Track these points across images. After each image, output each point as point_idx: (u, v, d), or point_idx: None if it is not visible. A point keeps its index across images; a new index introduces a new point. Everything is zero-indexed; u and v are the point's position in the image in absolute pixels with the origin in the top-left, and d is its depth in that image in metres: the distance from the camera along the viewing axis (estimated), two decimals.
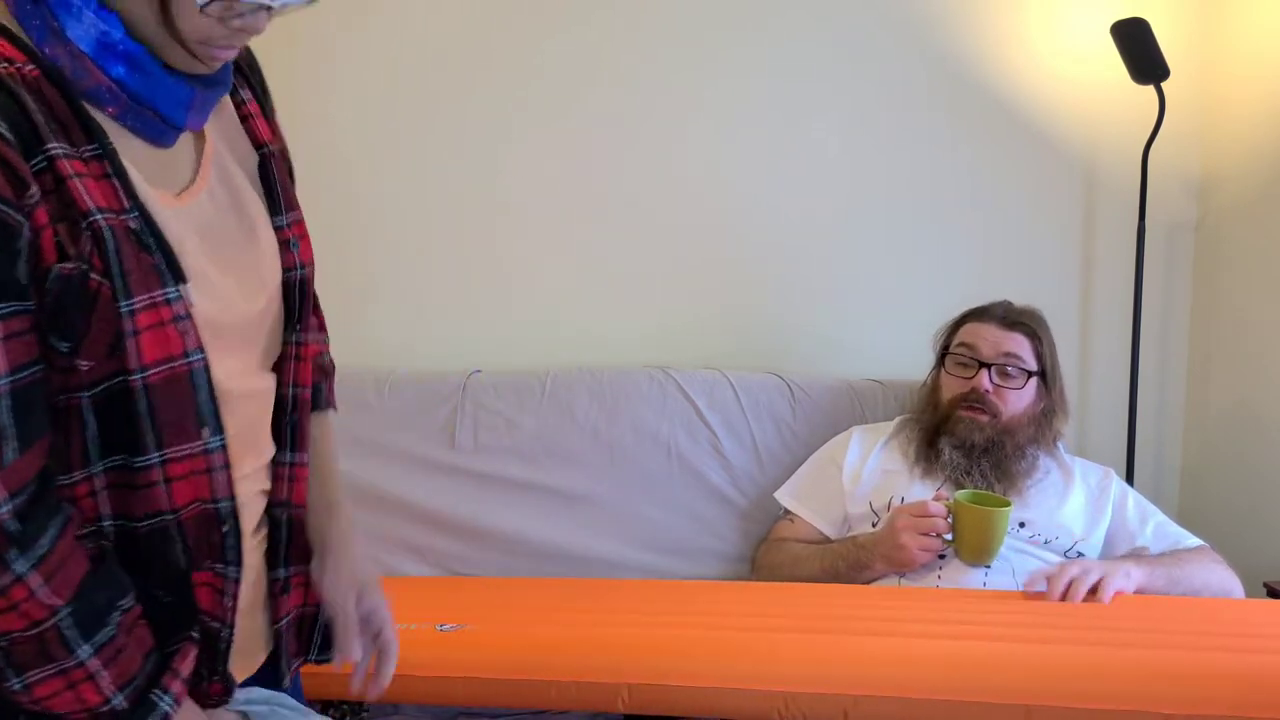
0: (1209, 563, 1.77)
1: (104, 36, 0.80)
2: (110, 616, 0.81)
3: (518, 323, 2.34)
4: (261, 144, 0.99)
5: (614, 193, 2.32)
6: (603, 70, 2.28)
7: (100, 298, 0.78)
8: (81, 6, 0.79)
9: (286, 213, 0.99)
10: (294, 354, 1.01)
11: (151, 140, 0.87)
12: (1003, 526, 1.68)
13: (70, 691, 0.78)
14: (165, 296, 0.81)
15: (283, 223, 0.98)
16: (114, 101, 0.83)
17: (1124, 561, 1.72)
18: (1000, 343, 1.92)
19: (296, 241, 0.99)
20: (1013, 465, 1.87)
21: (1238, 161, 2.32)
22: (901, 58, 2.33)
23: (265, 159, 0.99)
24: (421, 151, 2.27)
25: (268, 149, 0.99)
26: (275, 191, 0.99)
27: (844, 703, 1.24)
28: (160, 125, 0.86)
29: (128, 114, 0.84)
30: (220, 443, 0.87)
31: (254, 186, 0.97)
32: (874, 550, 1.77)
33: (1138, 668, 1.26)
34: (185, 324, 0.82)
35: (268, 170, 0.99)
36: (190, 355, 0.83)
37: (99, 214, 0.78)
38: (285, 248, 0.98)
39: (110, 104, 0.83)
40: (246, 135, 0.99)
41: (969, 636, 1.38)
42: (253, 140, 0.99)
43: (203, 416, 0.85)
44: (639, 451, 2.12)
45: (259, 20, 0.84)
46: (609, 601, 1.70)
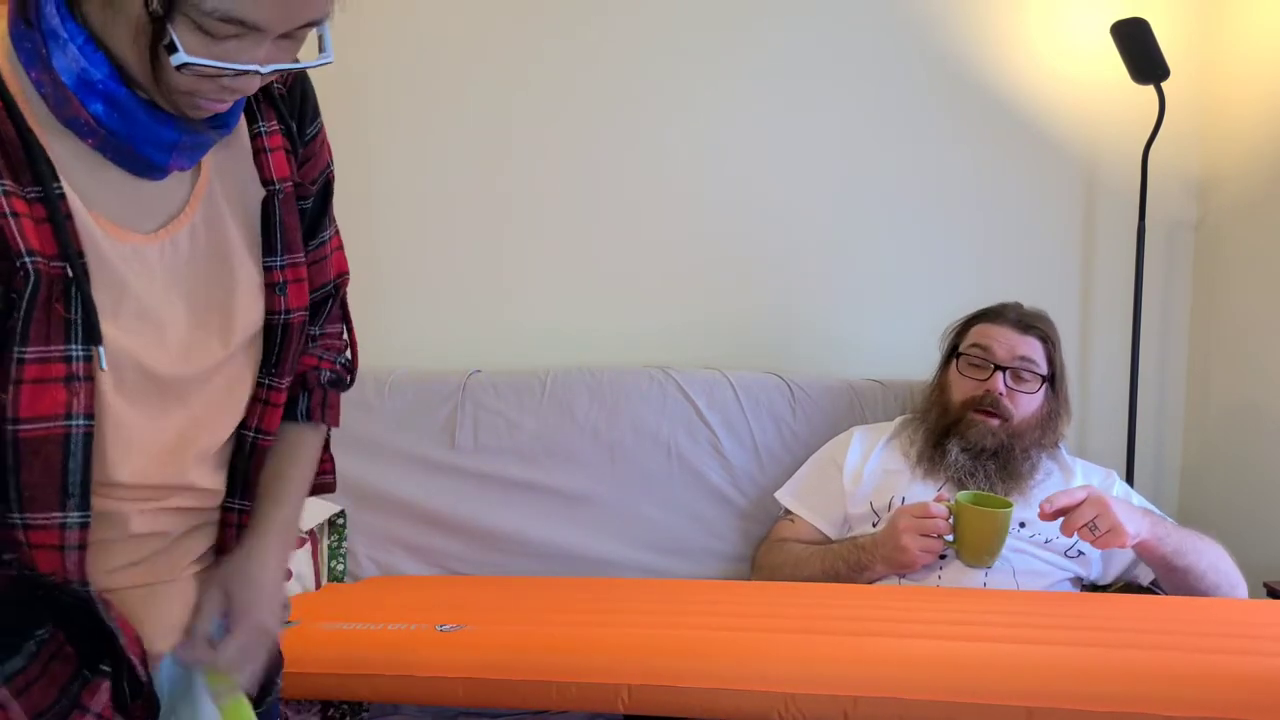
0: (1219, 547, 1.77)
1: (84, 74, 0.78)
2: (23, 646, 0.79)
3: (518, 323, 2.34)
4: (270, 180, 0.94)
5: (614, 193, 2.32)
6: (603, 70, 2.28)
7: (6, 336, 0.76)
8: (68, 40, 0.77)
9: (283, 254, 0.94)
10: (263, 396, 0.97)
11: (136, 174, 0.85)
12: (1004, 528, 1.68)
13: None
14: (64, 354, 0.77)
15: (276, 264, 0.94)
16: (93, 135, 0.81)
17: (1144, 517, 1.71)
18: (1015, 346, 1.91)
19: (285, 286, 0.94)
20: (1019, 467, 1.86)
21: (1238, 161, 2.32)
22: (901, 58, 2.33)
23: (271, 196, 0.94)
24: (421, 151, 2.27)
25: (275, 186, 0.94)
26: (274, 232, 0.94)
27: (844, 704, 1.24)
28: (143, 164, 0.84)
29: (107, 148, 0.82)
30: (81, 521, 0.81)
31: (249, 225, 0.93)
32: (875, 551, 1.77)
33: (1139, 669, 1.26)
34: (77, 385, 0.78)
35: (270, 209, 0.94)
36: (73, 419, 0.78)
37: (29, 257, 0.76)
38: (271, 291, 0.93)
39: (89, 136, 0.81)
40: (256, 169, 0.94)
41: (970, 637, 1.37)
42: (262, 175, 0.94)
43: (70, 488, 0.79)
44: (639, 451, 2.12)
45: (249, 82, 0.81)
46: (609, 601, 1.70)
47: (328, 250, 1.04)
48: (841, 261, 2.38)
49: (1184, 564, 1.72)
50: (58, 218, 0.78)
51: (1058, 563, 1.81)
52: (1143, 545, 1.69)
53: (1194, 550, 1.73)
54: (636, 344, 2.33)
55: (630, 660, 1.33)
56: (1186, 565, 1.72)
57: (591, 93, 2.29)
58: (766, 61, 2.31)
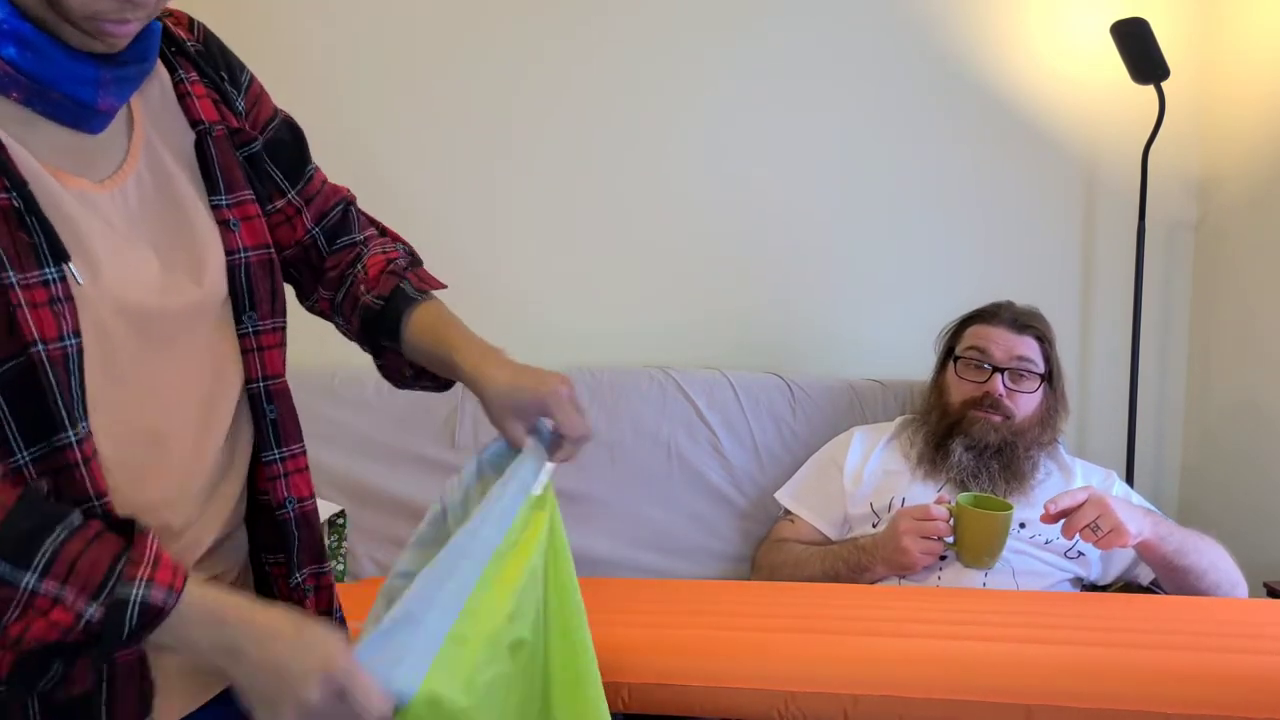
0: (1219, 547, 1.77)
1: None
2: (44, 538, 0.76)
3: (518, 322, 2.34)
4: (199, 121, 0.95)
5: (614, 192, 2.32)
6: (603, 69, 2.28)
7: None
8: None
9: (226, 193, 0.96)
10: (253, 345, 0.97)
11: (73, 125, 0.85)
12: (1005, 530, 1.68)
13: (42, 619, 0.75)
14: (41, 278, 0.78)
15: (221, 202, 0.95)
16: (15, 85, 0.81)
17: (1145, 517, 1.71)
18: (1012, 346, 1.92)
19: (237, 223, 0.96)
20: (1021, 467, 1.87)
21: (1238, 161, 2.32)
22: (901, 57, 2.34)
23: (201, 137, 0.95)
24: (420, 151, 2.27)
25: (204, 126, 0.95)
26: (213, 171, 0.95)
27: (844, 702, 1.24)
28: (73, 107, 0.84)
29: (34, 98, 0.82)
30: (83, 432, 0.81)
31: (190, 168, 0.95)
32: (875, 552, 1.77)
33: (1139, 668, 1.26)
34: (60, 307, 0.79)
35: (204, 149, 0.95)
36: (65, 340, 0.79)
37: None
38: (226, 229, 0.95)
39: (12, 88, 0.81)
40: (183, 114, 0.96)
41: (970, 637, 1.37)
42: (190, 119, 0.96)
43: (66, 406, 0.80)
44: (639, 451, 2.12)
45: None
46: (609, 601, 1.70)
47: (318, 184, 1.09)
48: (841, 261, 2.38)
49: (1185, 563, 1.72)
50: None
51: (1057, 563, 1.81)
52: (1144, 544, 1.69)
53: (1195, 549, 1.73)
54: (636, 344, 2.33)
55: (630, 660, 1.33)
56: (1188, 565, 1.72)
57: (591, 92, 2.29)
58: (767, 61, 2.31)
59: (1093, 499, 1.65)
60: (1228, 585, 1.75)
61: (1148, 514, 1.72)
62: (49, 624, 0.75)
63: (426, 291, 1.10)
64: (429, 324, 1.08)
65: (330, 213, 1.10)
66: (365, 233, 1.13)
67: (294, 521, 1.00)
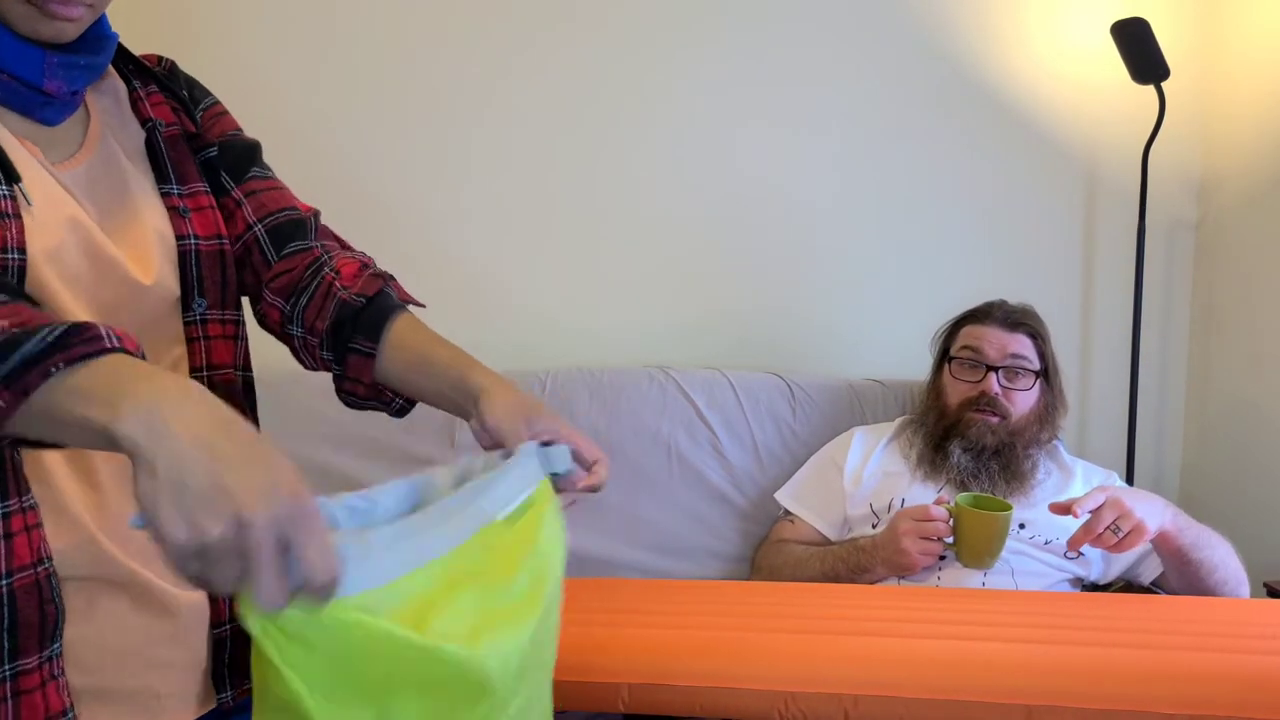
0: (1227, 543, 1.77)
1: None
2: None
3: (518, 322, 2.34)
4: (147, 118, 0.99)
5: (615, 192, 2.32)
6: (603, 69, 2.28)
7: None
8: None
9: (177, 184, 0.98)
10: (198, 334, 0.97)
11: (27, 113, 0.87)
12: (1004, 531, 1.68)
13: None
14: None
15: (172, 191, 0.97)
16: None
17: (1166, 507, 1.69)
18: (1006, 345, 1.92)
19: (188, 210, 0.97)
20: (1021, 466, 1.86)
21: (1238, 161, 2.32)
22: (902, 58, 2.34)
23: (151, 132, 0.99)
24: (420, 151, 2.27)
25: (154, 123, 0.99)
26: (163, 162, 0.98)
27: (844, 702, 1.24)
28: (20, 90, 0.86)
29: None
30: None
31: (141, 162, 0.97)
32: (875, 554, 1.77)
33: (1139, 668, 1.26)
34: (7, 221, 0.80)
35: (154, 142, 0.99)
36: (8, 252, 0.79)
37: None
38: (176, 215, 0.96)
39: None
40: (135, 117, 0.99)
41: (970, 637, 1.37)
42: (140, 116, 0.99)
43: None
44: (639, 451, 2.12)
45: None
46: (609, 601, 1.70)
47: (263, 186, 1.07)
48: (842, 261, 2.38)
49: (1199, 556, 1.70)
50: None
51: (1057, 564, 1.81)
52: (1162, 535, 1.67)
53: (1208, 544, 1.71)
54: (636, 344, 2.33)
55: (630, 660, 1.33)
56: (1201, 558, 1.70)
57: (592, 93, 2.29)
58: (768, 63, 2.31)
59: (1110, 500, 1.62)
60: (1234, 583, 1.74)
61: (1166, 504, 1.71)
62: None
63: (407, 304, 1.09)
64: (418, 336, 1.05)
65: (277, 214, 1.06)
66: (324, 241, 1.10)
67: None
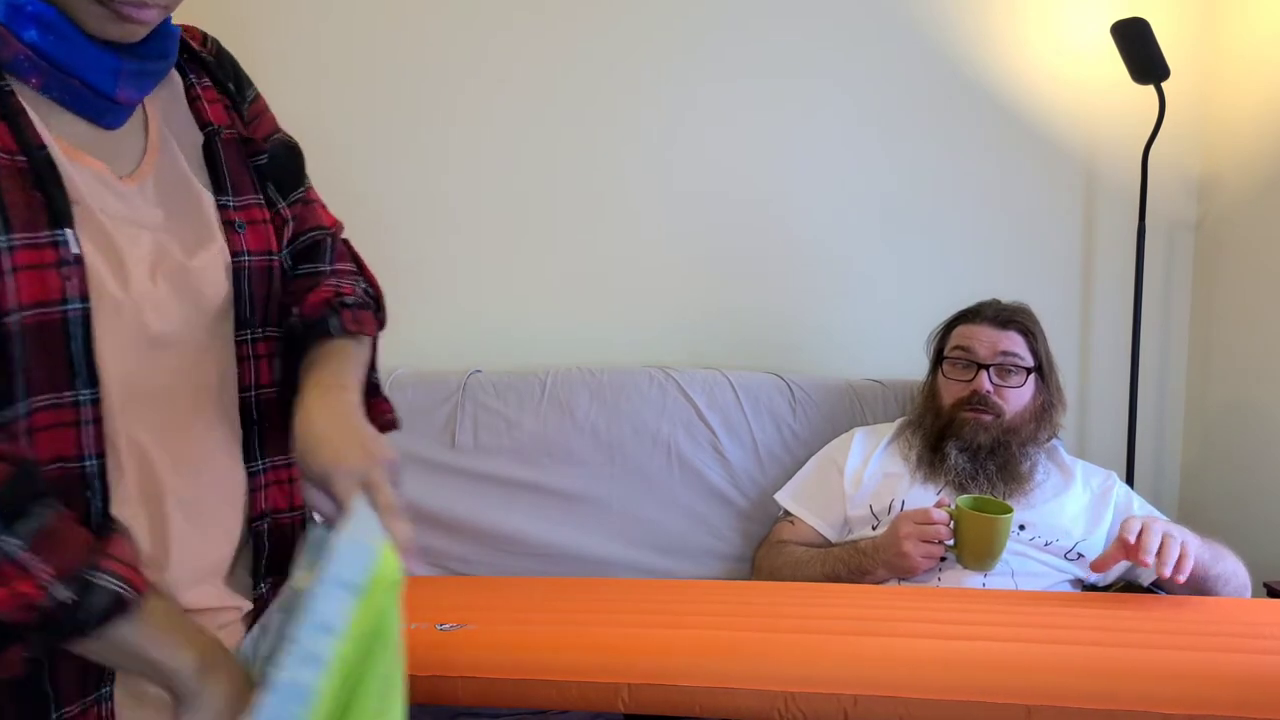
0: (1232, 554, 1.76)
1: (10, 1, 0.80)
2: (34, 509, 0.75)
3: (518, 323, 2.34)
4: (208, 123, 0.97)
5: (615, 193, 2.32)
6: (603, 69, 2.28)
7: None
8: None
9: (232, 194, 0.95)
10: (248, 353, 0.96)
11: (91, 118, 0.86)
12: (1005, 533, 1.68)
13: (5, 589, 0.71)
14: (52, 239, 0.78)
15: (228, 203, 0.95)
16: (34, 70, 0.81)
17: (1184, 530, 1.66)
18: (996, 342, 1.92)
19: (243, 225, 0.95)
20: (1019, 466, 1.87)
21: (1238, 161, 2.32)
22: (902, 58, 2.34)
23: (210, 138, 0.96)
24: (420, 151, 2.27)
25: (213, 128, 0.97)
26: (220, 171, 0.95)
27: (844, 702, 1.24)
28: (92, 98, 0.84)
29: (53, 85, 0.83)
30: (92, 397, 0.81)
31: (199, 168, 0.95)
32: (876, 556, 1.77)
33: (1139, 667, 1.26)
34: (69, 270, 0.78)
35: (213, 150, 0.96)
36: (69, 303, 0.79)
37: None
38: (231, 229, 0.94)
39: (31, 74, 0.82)
40: (193, 117, 0.97)
41: (970, 636, 1.37)
42: (200, 120, 0.97)
43: (74, 367, 0.80)
44: (639, 451, 2.12)
45: None
46: (609, 600, 1.70)
47: (310, 198, 1.07)
48: (842, 261, 2.38)
49: (1215, 572, 1.69)
50: (10, 114, 0.79)
51: (1057, 565, 1.81)
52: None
53: (1219, 557, 1.70)
54: (636, 344, 2.33)
55: (631, 660, 1.33)
56: (1216, 573, 1.70)
57: (592, 93, 2.29)
58: (767, 61, 2.31)
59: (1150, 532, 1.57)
60: (1243, 591, 1.75)
61: (1181, 528, 1.69)
62: (10, 594, 0.72)
63: (353, 332, 1.01)
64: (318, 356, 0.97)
65: (303, 236, 1.06)
66: (336, 265, 1.09)
67: (265, 534, 0.98)
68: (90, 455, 0.82)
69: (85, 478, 0.82)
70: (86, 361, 0.80)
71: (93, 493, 0.83)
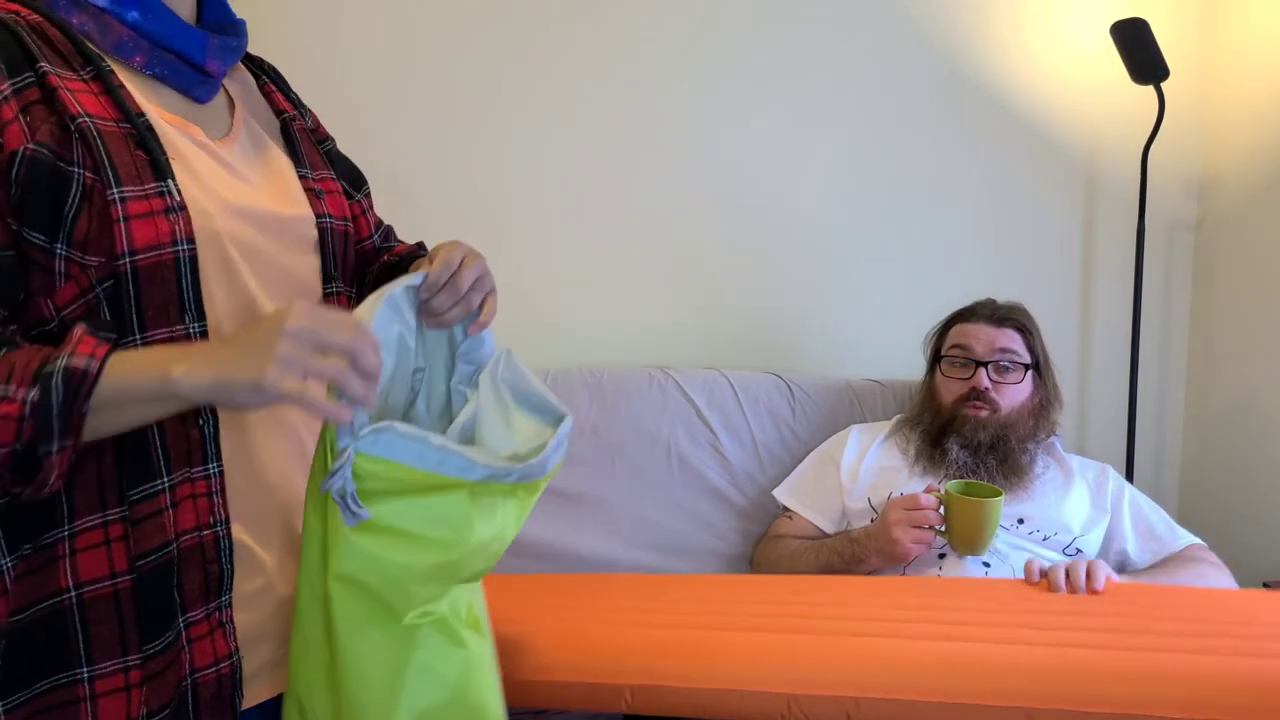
0: (1201, 567, 1.77)
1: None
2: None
3: (518, 323, 2.33)
4: (282, 110, 1.11)
5: (615, 192, 2.32)
6: (605, 70, 2.28)
7: (95, 194, 0.85)
8: None
9: (310, 168, 1.08)
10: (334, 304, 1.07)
11: (185, 90, 0.97)
12: (994, 516, 1.68)
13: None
14: (158, 190, 0.88)
15: (307, 174, 1.07)
16: (138, 49, 0.93)
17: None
18: (993, 340, 1.93)
19: (323, 193, 1.08)
20: (1018, 460, 1.87)
21: (1238, 161, 2.32)
22: (902, 58, 2.34)
23: (286, 123, 1.10)
24: (420, 151, 2.26)
25: (288, 115, 1.11)
26: (297, 148, 1.09)
27: (846, 705, 1.24)
28: (187, 70, 0.96)
29: (154, 61, 0.94)
30: (201, 329, 0.91)
31: (279, 144, 1.08)
32: (868, 544, 1.78)
33: (1142, 671, 1.26)
34: (176, 215, 0.88)
35: (289, 131, 1.10)
36: (179, 244, 0.88)
37: (87, 118, 0.86)
38: (313, 196, 1.06)
39: (135, 53, 0.93)
40: (269, 105, 1.12)
41: (972, 638, 1.37)
42: (274, 107, 1.12)
43: (185, 303, 0.89)
44: (639, 451, 2.12)
45: None
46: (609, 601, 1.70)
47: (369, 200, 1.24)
48: (841, 261, 2.39)
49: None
50: (112, 89, 0.89)
51: (1057, 560, 1.81)
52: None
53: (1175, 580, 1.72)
54: (636, 344, 2.33)
55: (633, 661, 1.33)
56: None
57: (594, 93, 2.29)
58: (768, 62, 2.31)
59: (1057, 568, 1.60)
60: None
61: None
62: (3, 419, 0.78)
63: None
64: None
65: (382, 225, 1.28)
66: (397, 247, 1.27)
67: None
68: None
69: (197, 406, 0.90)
70: (195, 297, 0.90)
71: (204, 420, 0.93)
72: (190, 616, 0.93)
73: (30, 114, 0.84)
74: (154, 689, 0.90)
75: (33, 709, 0.87)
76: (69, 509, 0.87)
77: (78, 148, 0.84)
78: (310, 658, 0.94)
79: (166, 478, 0.90)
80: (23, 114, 0.83)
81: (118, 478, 0.88)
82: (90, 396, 0.79)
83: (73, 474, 0.86)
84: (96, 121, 0.86)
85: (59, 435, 0.79)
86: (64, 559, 0.87)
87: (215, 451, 0.94)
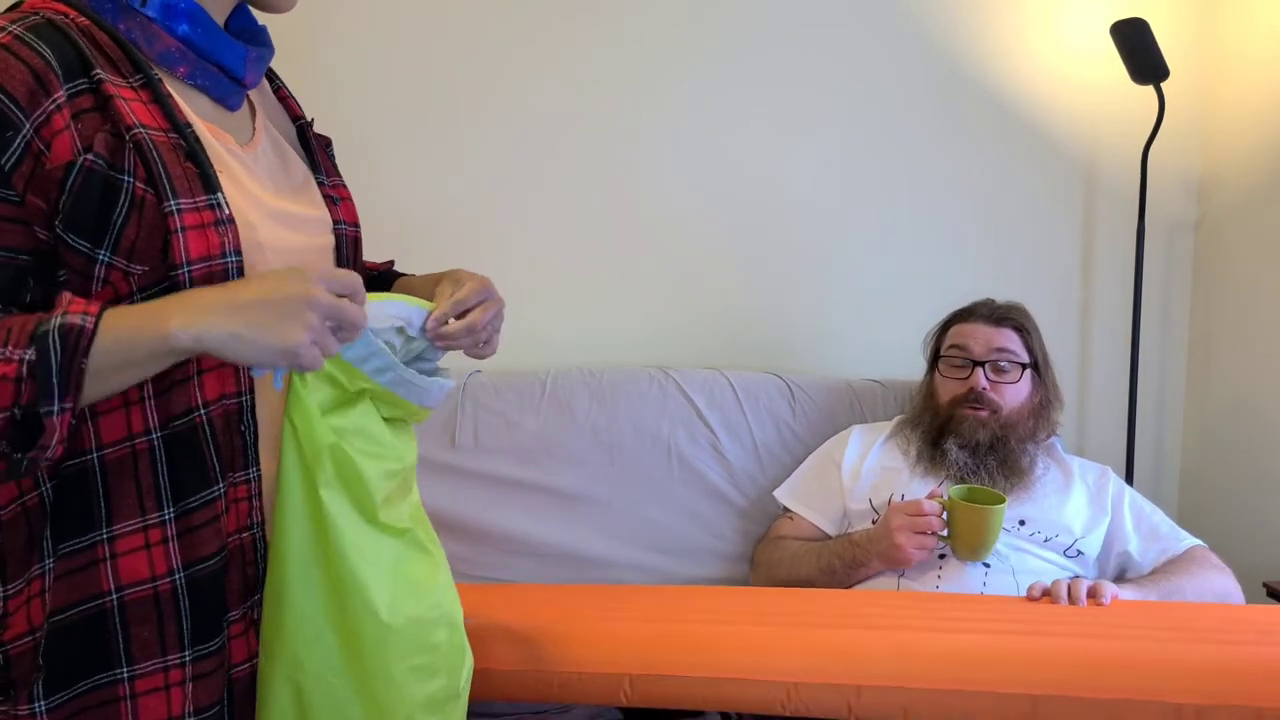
0: (1205, 570, 1.76)
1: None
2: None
3: (518, 323, 2.32)
4: (299, 116, 1.14)
5: (614, 192, 2.32)
6: (605, 69, 2.28)
7: (146, 204, 0.87)
8: None
9: (327, 176, 1.11)
10: None
11: (219, 99, 0.99)
12: (998, 523, 1.67)
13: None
14: (208, 202, 0.90)
15: (323, 181, 1.10)
16: (184, 60, 0.95)
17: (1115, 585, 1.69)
18: (991, 339, 1.93)
19: (338, 200, 1.10)
20: (1019, 461, 1.87)
21: (1238, 161, 2.32)
22: (902, 59, 2.34)
23: (302, 129, 1.13)
24: (420, 151, 2.27)
25: (304, 121, 1.14)
26: (315, 155, 1.12)
27: (847, 693, 1.23)
28: (226, 82, 0.98)
29: (197, 72, 0.96)
30: None
31: (297, 150, 1.11)
32: (870, 548, 1.77)
33: (1145, 659, 1.25)
34: (225, 228, 0.90)
35: (306, 137, 1.13)
36: (228, 256, 0.90)
37: (141, 128, 0.87)
38: (330, 203, 1.09)
39: (180, 64, 0.95)
40: (284, 110, 1.14)
41: (973, 630, 1.37)
42: (291, 114, 1.14)
43: None
44: (639, 451, 2.11)
45: None
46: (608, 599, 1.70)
47: None
48: (841, 261, 2.38)
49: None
50: (161, 98, 0.91)
51: (1057, 562, 1.80)
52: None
53: (1178, 591, 1.70)
54: (636, 344, 2.33)
55: (633, 651, 1.32)
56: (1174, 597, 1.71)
57: (591, 93, 2.29)
58: (767, 63, 2.31)
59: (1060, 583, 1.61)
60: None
61: (1125, 588, 1.69)
62: (1, 379, 0.79)
63: None
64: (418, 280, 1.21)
65: None
66: None
67: None
68: (245, 392, 0.95)
69: (240, 412, 0.95)
70: None
71: (245, 427, 0.96)
72: (230, 616, 0.97)
73: (81, 121, 0.85)
74: (204, 687, 0.93)
75: (73, 709, 0.89)
76: (108, 513, 0.89)
77: (130, 158, 0.86)
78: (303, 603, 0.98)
79: (221, 483, 0.93)
80: (74, 121, 0.85)
81: (156, 484, 0.90)
82: (88, 352, 0.80)
83: (112, 480, 0.89)
84: (150, 132, 0.88)
85: (59, 395, 0.80)
86: (104, 562, 0.89)
87: (255, 457, 0.97)
